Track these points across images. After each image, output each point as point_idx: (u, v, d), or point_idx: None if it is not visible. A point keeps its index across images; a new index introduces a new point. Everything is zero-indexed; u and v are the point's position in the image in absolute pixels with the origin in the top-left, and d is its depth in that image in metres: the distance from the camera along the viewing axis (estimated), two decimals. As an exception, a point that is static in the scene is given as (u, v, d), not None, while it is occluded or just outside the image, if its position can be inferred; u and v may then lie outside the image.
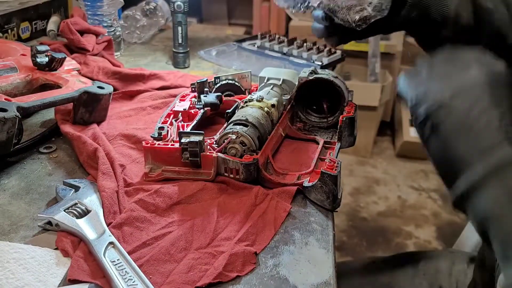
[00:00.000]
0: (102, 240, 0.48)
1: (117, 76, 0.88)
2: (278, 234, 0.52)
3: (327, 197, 0.56)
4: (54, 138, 0.72)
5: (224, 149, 0.60)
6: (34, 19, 1.15)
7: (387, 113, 2.55)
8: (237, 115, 0.63)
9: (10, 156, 0.65)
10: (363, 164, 2.36)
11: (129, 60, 1.08)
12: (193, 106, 0.73)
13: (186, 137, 0.58)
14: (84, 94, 0.69)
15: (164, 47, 1.18)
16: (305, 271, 0.47)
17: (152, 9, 1.22)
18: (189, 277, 0.45)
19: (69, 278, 0.44)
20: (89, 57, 0.92)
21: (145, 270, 0.46)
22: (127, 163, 0.63)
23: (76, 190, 0.56)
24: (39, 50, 0.74)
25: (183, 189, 0.57)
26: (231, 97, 0.76)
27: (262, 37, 1.15)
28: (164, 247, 0.49)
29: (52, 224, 0.51)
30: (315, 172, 0.61)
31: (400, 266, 0.80)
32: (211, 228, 0.52)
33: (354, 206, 2.03)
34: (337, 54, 1.06)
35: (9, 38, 1.07)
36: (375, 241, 1.84)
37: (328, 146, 0.69)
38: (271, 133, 0.65)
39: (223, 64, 1.06)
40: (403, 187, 2.17)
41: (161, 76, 0.91)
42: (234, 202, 0.56)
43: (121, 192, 0.56)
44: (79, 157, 0.64)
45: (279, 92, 0.73)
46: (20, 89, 0.72)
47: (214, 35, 1.31)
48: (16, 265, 0.46)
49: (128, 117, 0.77)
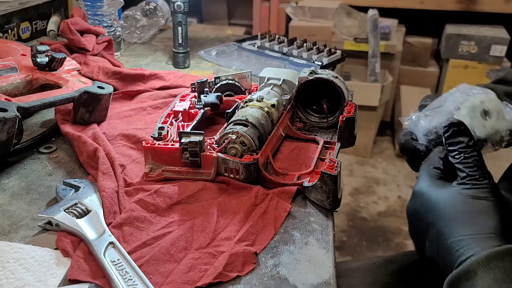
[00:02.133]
0: (102, 240, 0.48)
1: (117, 76, 0.88)
2: (278, 234, 0.52)
3: (327, 197, 0.56)
4: (54, 138, 0.72)
5: (224, 149, 0.60)
6: (34, 19, 1.15)
7: (387, 113, 2.55)
8: (237, 115, 0.63)
9: (10, 156, 0.65)
10: (363, 164, 2.36)
11: (129, 60, 1.08)
12: (193, 106, 0.73)
13: (186, 137, 0.58)
14: (84, 94, 0.69)
15: (164, 47, 1.18)
16: (305, 271, 0.47)
17: (152, 9, 1.22)
18: (189, 277, 0.45)
19: (69, 278, 0.44)
20: (89, 57, 0.92)
21: (145, 270, 0.46)
22: (127, 163, 0.63)
23: (76, 190, 0.56)
24: (39, 50, 0.74)
25: (183, 189, 0.57)
26: (231, 97, 0.76)
27: (262, 37, 1.15)
28: (164, 247, 0.49)
29: (52, 224, 0.51)
30: (315, 172, 0.61)
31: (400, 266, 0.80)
32: (211, 228, 0.52)
33: (354, 206, 2.03)
34: (337, 54, 1.06)
35: (9, 38, 1.07)
36: (375, 241, 1.84)
37: (328, 146, 0.69)
38: (271, 133, 0.65)
39: (223, 64, 1.06)
40: (403, 187, 2.17)
41: (161, 76, 0.91)
42: (234, 202, 0.56)
43: (121, 192, 0.56)
44: (79, 157, 0.64)
45: (279, 92, 0.73)
46: (20, 89, 0.72)
47: (214, 35, 1.31)
48: (16, 265, 0.46)
49: (128, 117, 0.77)
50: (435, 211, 0.48)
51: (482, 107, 0.54)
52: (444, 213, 0.47)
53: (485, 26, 2.35)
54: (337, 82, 0.70)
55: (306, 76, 0.71)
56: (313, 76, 0.71)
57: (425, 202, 0.50)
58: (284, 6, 2.42)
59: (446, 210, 0.48)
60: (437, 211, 0.48)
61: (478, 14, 2.29)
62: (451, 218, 0.47)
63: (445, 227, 0.47)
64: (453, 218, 0.47)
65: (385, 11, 2.32)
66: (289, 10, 2.38)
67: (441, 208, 0.48)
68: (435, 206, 0.49)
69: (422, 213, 0.50)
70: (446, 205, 0.48)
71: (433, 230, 0.48)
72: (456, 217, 0.46)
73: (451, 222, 0.46)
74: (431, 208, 0.49)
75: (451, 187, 0.49)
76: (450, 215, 0.47)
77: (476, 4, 2.24)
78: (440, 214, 0.48)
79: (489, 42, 2.25)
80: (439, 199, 0.49)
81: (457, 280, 0.43)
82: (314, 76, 0.71)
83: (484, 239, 0.44)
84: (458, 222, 0.46)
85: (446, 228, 0.46)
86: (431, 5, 2.29)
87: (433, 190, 0.50)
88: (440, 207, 0.48)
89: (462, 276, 0.43)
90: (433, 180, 0.52)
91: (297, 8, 2.37)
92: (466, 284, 0.42)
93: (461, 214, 0.46)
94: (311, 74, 0.71)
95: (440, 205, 0.48)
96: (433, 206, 0.49)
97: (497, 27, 2.35)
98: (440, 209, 0.48)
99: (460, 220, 0.46)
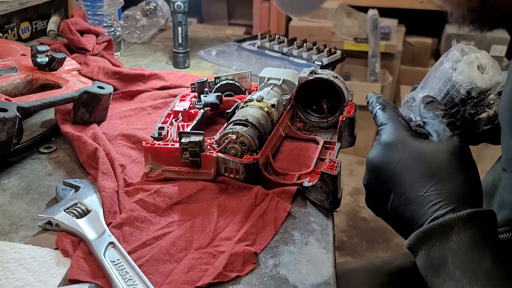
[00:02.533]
0: (102, 240, 0.48)
1: (117, 76, 0.88)
2: (278, 234, 0.52)
3: (327, 197, 0.56)
4: (54, 138, 0.72)
5: (224, 149, 0.60)
6: (34, 19, 1.15)
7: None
8: (237, 115, 0.63)
9: (10, 156, 0.65)
10: (363, 164, 2.35)
11: (129, 60, 1.08)
12: (193, 106, 0.73)
13: (186, 137, 0.58)
14: (84, 94, 0.69)
15: (164, 47, 1.18)
16: (305, 271, 0.47)
17: (152, 9, 1.22)
18: (189, 277, 0.45)
19: (69, 278, 0.44)
20: (89, 57, 0.92)
21: (145, 270, 0.46)
22: (127, 163, 0.63)
23: (76, 190, 0.56)
24: (39, 50, 0.74)
25: (183, 189, 0.57)
26: (231, 97, 0.76)
27: (262, 37, 1.15)
28: (164, 247, 0.49)
29: (52, 224, 0.51)
30: (315, 172, 0.61)
31: (401, 266, 0.80)
32: (211, 228, 0.52)
33: (354, 206, 2.03)
34: (337, 54, 1.06)
35: (9, 38, 1.07)
36: (375, 241, 1.84)
37: (328, 146, 0.69)
38: (271, 133, 0.65)
39: (223, 64, 1.06)
40: (403, 187, 2.17)
41: (161, 76, 0.91)
42: (234, 202, 0.56)
43: (121, 192, 0.56)
44: (79, 157, 0.64)
45: (279, 92, 0.73)
46: (20, 89, 0.72)
47: (214, 35, 1.31)
48: (16, 265, 0.46)
49: (128, 117, 0.77)
50: (416, 162, 0.47)
51: (479, 62, 0.54)
52: (427, 165, 0.46)
53: (485, 26, 2.35)
54: (337, 82, 0.70)
55: (306, 76, 0.71)
56: (313, 76, 0.71)
57: (398, 153, 0.48)
58: (284, 6, 2.42)
59: (430, 162, 0.47)
60: (419, 162, 0.47)
61: (478, 14, 2.29)
62: (434, 172, 0.46)
63: (425, 180, 0.46)
64: (435, 172, 0.46)
65: (385, 11, 2.32)
66: (289, 10, 2.38)
67: (424, 160, 0.47)
68: (417, 157, 0.47)
69: (392, 164, 0.48)
70: (430, 158, 0.47)
71: (406, 182, 0.47)
72: (439, 172, 0.46)
73: (433, 175, 0.46)
74: (408, 159, 0.47)
75: (433, 142, 0.49)
76: (433, 169, 0.46)
77: (476, 4, 2.24)
78: (422, 166, 0.47)
79: (489, 42, 2.25)
80: (423, 151, 0.48)
81: (430, 233, 0.43)
82: (314, 76, 0.71)
83: (465, 198, 0.44)
84: (442, 176, 0.45)
85: (426, 180, 0.45)
86: (431, 5, 2.29)
87: (413, 142, 0.49)
88: (423, 159, 0.47)
89: (436, 229, 0.42)
90: (408, 133, 0.51)
91: (297, 8, 2.37)
92: (440, 238, 0.42)
93: (444, 169, 0.46)
94: (311, 74, 0.71)
95: (422, 157, 0.47)
96: (414, 157, 0.47)
97: (497, 27, 2.35)
98: (423, 160, 0.47)
99: (444, 175, 0.45)
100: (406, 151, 0.48)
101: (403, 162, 0.48)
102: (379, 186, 0.50)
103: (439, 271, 0.42)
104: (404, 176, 0.47)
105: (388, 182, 0.49)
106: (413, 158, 0.47)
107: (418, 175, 0.46)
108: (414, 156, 0.48)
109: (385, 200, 0.49)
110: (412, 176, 0.47)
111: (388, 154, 0.50)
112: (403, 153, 0.48)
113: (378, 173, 0.50)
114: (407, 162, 0.47)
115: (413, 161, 0.47)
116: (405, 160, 0.48)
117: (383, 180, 0.49)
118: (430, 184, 0.45)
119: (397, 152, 0.49)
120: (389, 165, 0.49)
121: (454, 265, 0.41)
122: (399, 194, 0.47)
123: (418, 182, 0.46)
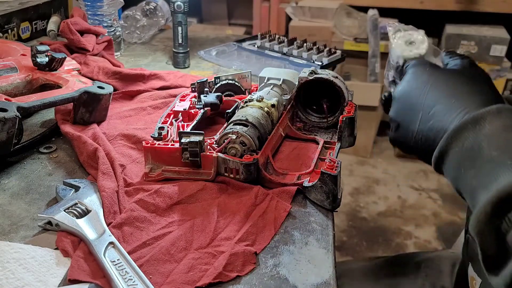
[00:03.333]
0: (102, 240, 0.48)
1: (117, 76, 0.88)
2: (278, 234, 0.52)
3: (327, 197, 0.56)
4: (54, 138, 0.72)
5: (224, 149, 0.60)
6: (34, 19, 1.15)
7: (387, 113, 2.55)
8: (237, 115, 0.63)
9: (10, 156, 0.65)
10: (363, 164, 2.36)
11: (129, 60, 1.08)
12: (193, 106, 0.73)
13: (186, 137, 0.58)
14: (84, 94, 0.69)
15: (164, 47, 1.18)
16: (305, 271, 0.47)
17: (152, 9, 1.22)
18: (189, 277, 0.45)
19: (69, 278, 0.45)
20: (89, 57, 0.92)
21: (145, 270, 0.46)
22: (127, 163, 0.63)
23: (76, 190, 0.56)
24: (39, 50, 0.74)
25: (183, 189, 0.57)
26: (231, 97, 0.76)
27: (262, 37, 1.15)
28: (164, 247, 0.49)
29: (52, 224, 0.51)
30: (315, 172, 0.61)
31: (401, 267, 0.80)
32: (211, 228, 0.52)
33: (354, 206, 2.03)
34: (337, 54, 1.06)
35: (9, 38, 1.07)
36: (375, 241, 1.84)
37: (328, 146, 0.69)
38: (271, 133, 0.65)
39: (223, 64, 1.06)
40: (403, 187, 2.17)
41: (161, 76, 0.91)
42: (234, 202, 0.56)
43: (121, 192, 0.56)
44: (79, 157, 0.64)
45: (279, 92, 0.73)
46: (20, 89, 0.72)
47: (214, 35, 1.31)
48: (16, 265, 0.46)
49: (128, 117, 0.77)
50: (444, 82, 0.51)
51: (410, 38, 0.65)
52: (454, 82, 0.51)
53: (485, 26, 2.35)
54: (337, 82, 0.70)
55: (306, 76, 0.71)
56: (313, 76, 0.71)
57: (425, 77, 0.53)
58: (284, 6, 2.42)
59: (455, 79, 0.51)
60: (447, 81, 0.51)
61: (478, 14, 2.29)
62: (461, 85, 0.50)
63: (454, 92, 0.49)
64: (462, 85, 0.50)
65: (385, 11, 2.32)
66: (289, 10, 2.38)
67: (450, 79, 0.51)
68: (443, 78, 0.52)
69: (421, 88, 0.52)
70: (456, 76, 0.52)
71: (434, 97, 0.50)
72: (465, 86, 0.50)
73: (460, 87, 0.50)
74: (435, 81, 0.52)
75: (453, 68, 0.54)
76: (460, 83, 0.50)
77: (476, 4, 2.24)
78: (450, 83, 0.51)
79: (489, 42, 2.25)
80: (447, 73, 0.53)
81: (463, 127, 0.44)
82: (314, 76, 0.71)
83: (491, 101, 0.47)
84: (470, 88, 0.49)
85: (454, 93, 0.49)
86: (431, 5, 2.29)
87: (437, 68, 0.54)
88: (449, 79, 0.51)
89: (469, 122, 0.44)
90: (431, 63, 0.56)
91: (297, 8, 2.37)
92: (473, 129, 0.43)
93: (470, 83, 0.50)
94: (311, 74, 0.71)
95: (448, 77, 0.52)
96: (441, 78, 0.52)
97: (497, 27, 2.34)
98: (450, 79, 0.51)
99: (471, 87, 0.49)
100: (433, 74, 0.53)
101: (431, 84, 0.52)
102: (408, 109, 0.53)
103: (474, 160, 0.42)
104: (433, 93, 0.51)
105: (416, 103, 0.52)
106: (441, 79, 0.52)
107: (445, 90, 0.50)
108: (442, 78, 0.52)
109: (413, 121, 0.52)
110: (441, 90, 0.50)
111: (417, 80, 0.54)
112: (430, 76, 0.53)
113: (408, 98, 0.54)
114: (435, 83, 0.52)
115: (440, 81, 0.52)
116: (432, 81, 0.52)
117: (412, 103, 0.53)
118: (458, 94, 0.49)
119: (425, 77, 0.53)
120: (417, 89, 0.53)
121: (491, 147, 0.41)
122: (428, 110, 0.50)
123: (446, 95, 0.49)
